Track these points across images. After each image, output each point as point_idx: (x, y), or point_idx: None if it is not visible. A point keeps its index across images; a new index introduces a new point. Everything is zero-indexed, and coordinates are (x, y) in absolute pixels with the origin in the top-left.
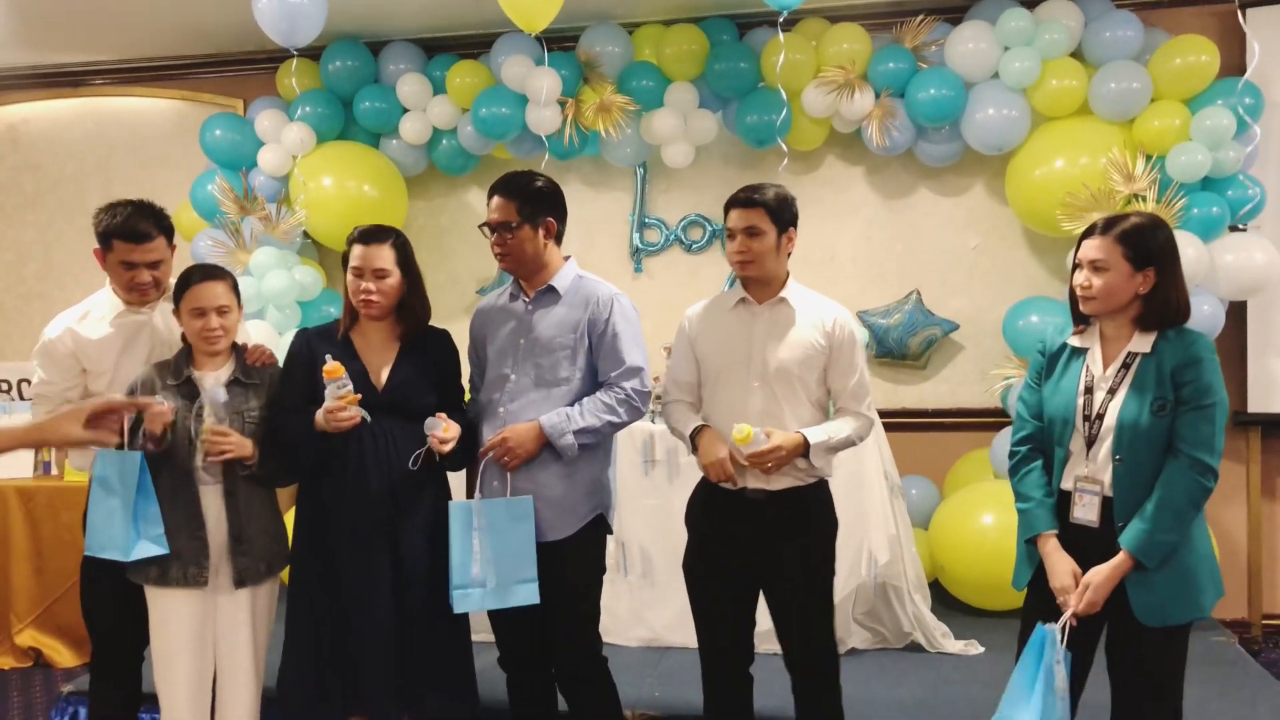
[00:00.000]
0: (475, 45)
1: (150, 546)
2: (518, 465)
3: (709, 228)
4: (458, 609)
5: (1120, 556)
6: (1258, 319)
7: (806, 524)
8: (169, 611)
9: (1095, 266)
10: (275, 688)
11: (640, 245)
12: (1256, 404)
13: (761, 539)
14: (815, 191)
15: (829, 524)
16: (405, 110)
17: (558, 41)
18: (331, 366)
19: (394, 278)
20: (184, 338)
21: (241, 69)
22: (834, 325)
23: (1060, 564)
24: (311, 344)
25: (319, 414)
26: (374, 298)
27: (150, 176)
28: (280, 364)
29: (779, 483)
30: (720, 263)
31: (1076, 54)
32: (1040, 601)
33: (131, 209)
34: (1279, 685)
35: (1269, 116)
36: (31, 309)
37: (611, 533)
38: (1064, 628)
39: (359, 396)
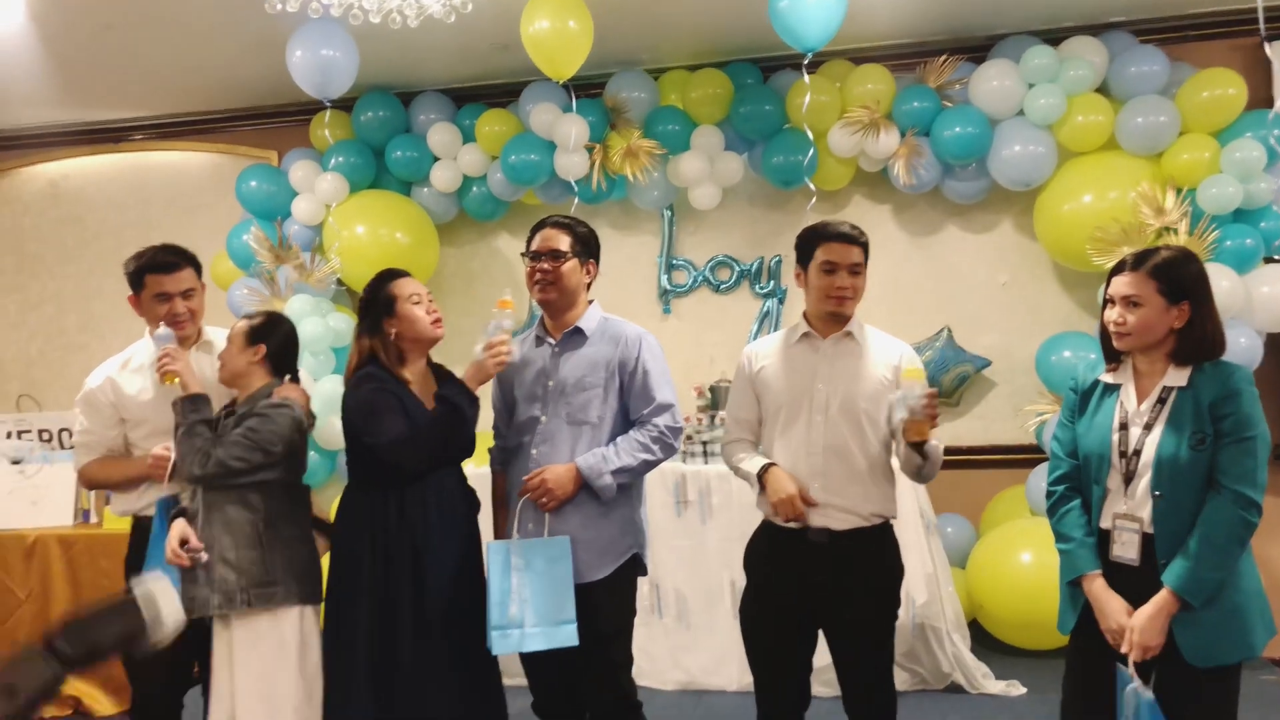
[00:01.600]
0: (503, 94)
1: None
2: (555, 507)
3: (737, 268)
4: (496, 650)
5: (1163, 594)
6: None
7: (871, 567)
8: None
9: (1129, 302)
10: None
11: (669, 287)
12: None
13: (825, 582)
14: None
15: (894, 567)
16: (436, 159)
17: (584, 89)
18: (507, 298)
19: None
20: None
21: (276, 121)
22: (902, 361)
23: (1111, 603)
24: (383, 372)
25: (477, 350)
26: (438, 317)
27: (188, 228)
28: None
29: (842, 523)
30: (747, 302)
31: (1102, 89)
32: (1087, 644)
33: (156, 248)
34: None
35: None
36: (72, 360)
37: (646, 573)
38: (1132, 664)
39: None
